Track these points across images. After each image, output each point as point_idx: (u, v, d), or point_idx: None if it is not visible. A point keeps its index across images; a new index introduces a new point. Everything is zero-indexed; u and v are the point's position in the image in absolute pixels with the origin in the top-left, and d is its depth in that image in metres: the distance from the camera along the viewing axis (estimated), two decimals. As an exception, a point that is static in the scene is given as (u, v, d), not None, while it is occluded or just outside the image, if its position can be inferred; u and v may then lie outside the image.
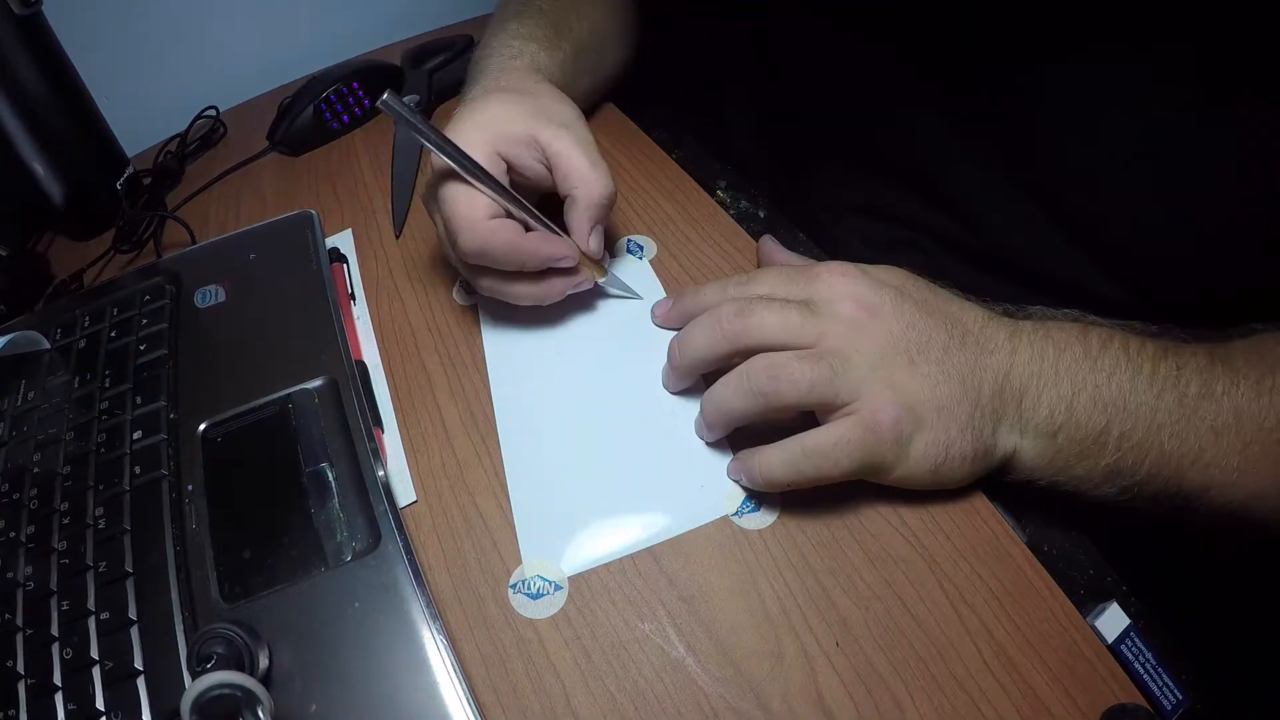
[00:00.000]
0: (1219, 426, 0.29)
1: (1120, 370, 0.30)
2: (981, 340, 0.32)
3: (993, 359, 0.31)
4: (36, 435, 0.38)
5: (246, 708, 0.24)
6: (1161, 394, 0.30)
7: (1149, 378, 0.30)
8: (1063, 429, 0.30)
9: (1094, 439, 0.30)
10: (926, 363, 0.31)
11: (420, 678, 0.28)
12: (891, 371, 0.30)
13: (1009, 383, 0.31)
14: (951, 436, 0.30)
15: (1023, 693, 0.28)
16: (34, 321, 0.45)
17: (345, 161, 0.59)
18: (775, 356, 0.31)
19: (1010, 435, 0.31)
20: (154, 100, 0.67)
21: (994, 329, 0.32)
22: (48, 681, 0.29)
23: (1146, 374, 0.30)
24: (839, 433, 0.30)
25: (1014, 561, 0.31)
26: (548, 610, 0.31)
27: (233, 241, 0.48)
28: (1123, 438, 0.30)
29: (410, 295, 0.46)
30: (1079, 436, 0.30)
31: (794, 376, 0.30)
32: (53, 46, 0.54)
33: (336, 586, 0.31)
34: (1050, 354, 0.31)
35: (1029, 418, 0.31)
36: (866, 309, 0.31)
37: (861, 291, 0.32)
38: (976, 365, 0.31)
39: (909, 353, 0.31)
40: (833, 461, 0.30)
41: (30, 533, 0.34)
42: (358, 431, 0.35)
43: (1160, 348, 0.31)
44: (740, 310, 0.33)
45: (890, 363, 0.31)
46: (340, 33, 0.75)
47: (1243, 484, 0.29)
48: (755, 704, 0.28)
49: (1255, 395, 0.29)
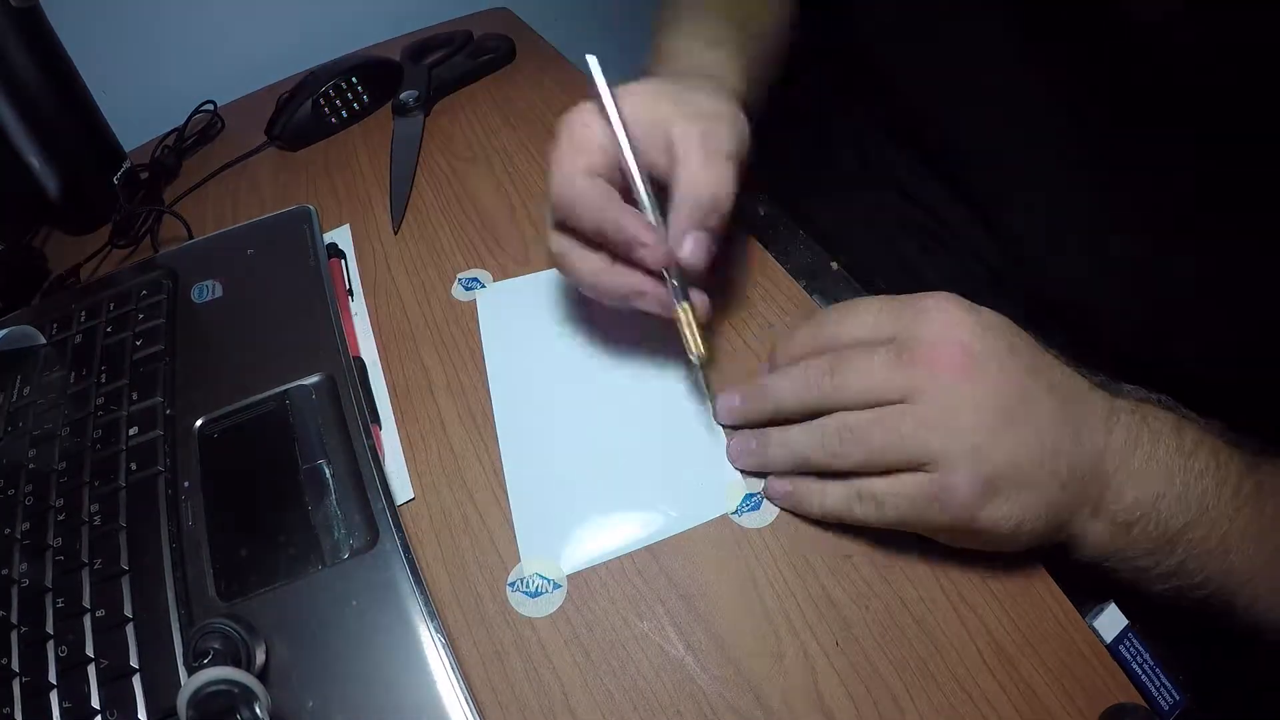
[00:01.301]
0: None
1: (1208, 475, 0.29)
2: (1083, 414, 0.29)
3: (1091, 437, 0.29)
4: (32, 431, 0.38)
5: (243, 704, 0.24)
6: (1240, 510, 0.28)
7: (1234, 489, 0.29)
8: (1140, 522, 0.29)
9: (1169, 538, 0.29)
10: (1025, 427, 0.28)
11: (418, 676, 0.28)
12: (982, 433, 0.28)
13: (1101, 465, 0.29)
14: (1028, 513, 0.28)
15: (1021, 692, 0.28)
16: (30, 316, 0.44)
17: (344, 157, 0.59)
18: (852, 419, 0.30)
19: (1085, 520, 0.29)
20: (151, 94, 0.67)
21: (1092, 402, 0.30)
22: (42, 679, 0.29)
23: (1232, 485, 0.29)
24: (900, 488, 0.29)
25: (1014, 561, 0.31)
26: (546, 609, 0.31)
27: (230, 237, 0.48)
28: (1192, 543, 0.29)
29: (409, 291, 0.45)
30: (1155, 533, 0.29)
31: (866, 441, 0.29)
32: (50, 40, 0.53)
33: (334, 584, 0.30)
34: (1145, 442, 0.29)
35: (1109, 505, 0.29)
36: (969, 356, 0.29)
37: (967, 337, 0.29)
38: (1076, 440, 0.29)
39: (1009, 413, 0.28)
40: (881, 511, 0.30)
41: (25, 529, 0.34)
42: (355, 428, 0.35)
43: (1245, 462, 0.30)
44: (832, 369, 0.31)
45: (984, 421, 0.28)
46: (339, 27, 0.74)
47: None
48: (755, 703, 0.28)
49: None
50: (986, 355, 0.29)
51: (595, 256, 0.34)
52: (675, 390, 0.37)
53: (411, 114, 0.60)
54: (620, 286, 0.34)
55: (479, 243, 0.48)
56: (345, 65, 0.62)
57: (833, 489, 0.31)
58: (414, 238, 0.49)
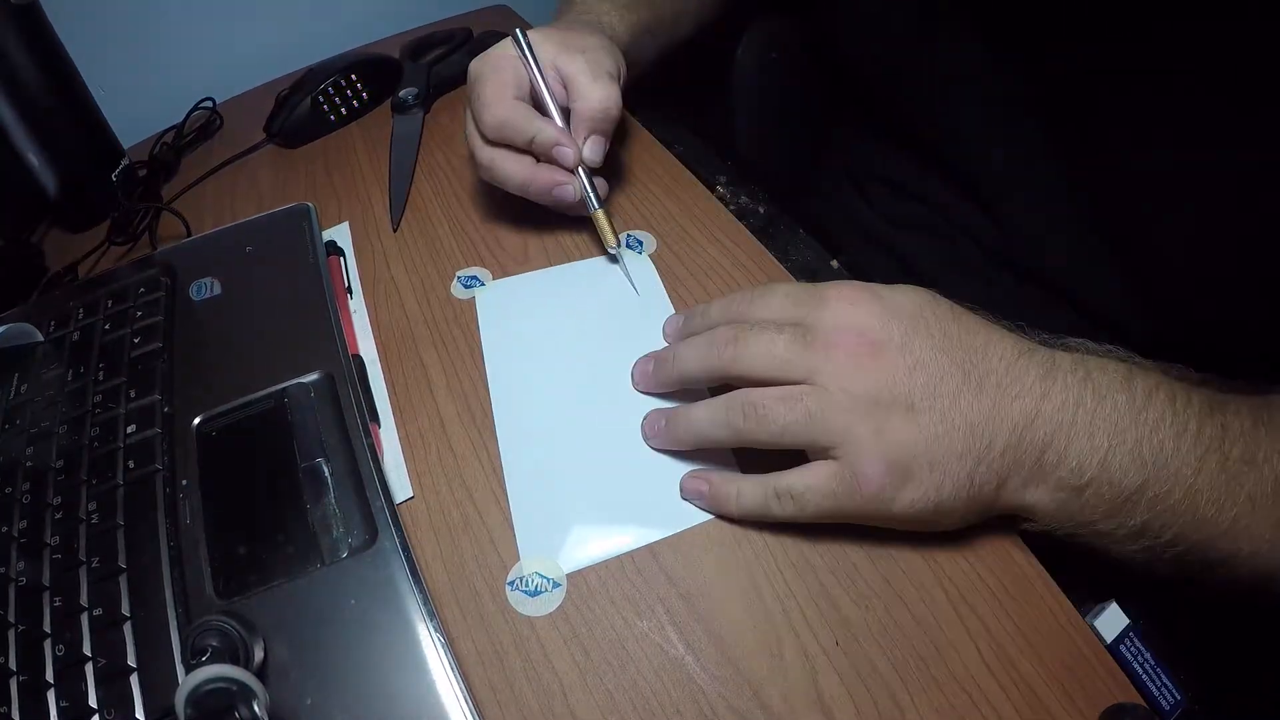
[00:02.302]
0: (1256, 495, 0.27)
1: (1164, 425, 0.28)
2: (1004, 384, 0.29)
3: (1015, 405, 0.28)
4: (29, 429, 0.37)
5: (242, 702, 0.24)
6: (1204, 458, 0.27)
7: (1194, 436, 0.28)
8: (1092, 484, 0.28)
9: (1126, 497, 0.28)
10: (929, 411, 0.28)
11: (417, 675, 0.28)
12: (884, 418, 0.28)
13: (1030, 432, 0.28)
14: (944, 494, 0.28)
15: (1022, 692, 0.28)
16: (27, 313, 0.44)
17: (342, 154, 0.59)
18: (755, 394, 0.30)
19: (1021, 490, 0.29)
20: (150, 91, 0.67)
21: (1023, 368, 0.29)
22: (40, 678, 0.29)
23: (1192, 432, 0.28)
24: (813, 479, 0.29)
25: (1014, 561, 0.31)
26: (546, 608, 0.31)
27: (229, 234, 0.48)
28: (1156, 499, 0.27)
29: (408, 289, 0.45)
30: (1109, 494, 0.28)
31: (769, 417, 0.29)
32: (49, 37, 0.53)
33: (332, 583, 0.30)
34: (1089, 401, 0.28)
35: (1051, 470, 0.28)
36: (869, 344, 0.29)
37: (868, 322, 0.30)
38: (993, 413, 0.28)
39: (909, 398, 0.28)
40: (799, 507, 0.30)
41: (23, 527, 0.33)
42: (354, 426, 0.35)
43: (1206, 403, 0.29)
44: (735, 337, 0.31)
45: (884, 408, 0.28)
46: (339, 25, 0.74)
47: (1271, 554, 0.28)
48: (754, 703, 0.28)
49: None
50: (887, 340, 0.29)
51: (524, 159, 0.43)
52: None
53: (411, 112, 0.60)
54: (548, 181, 0.42)
55: (478, 241, 0.48)
56: (344, 63, 0.62)
57: (747, 488, 0.31)
58: (413, 236, 0.49)
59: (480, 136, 0.43)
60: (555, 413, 0.37)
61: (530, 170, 0.42)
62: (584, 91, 0.41)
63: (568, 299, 0.43)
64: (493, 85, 0.42)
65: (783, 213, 0.48)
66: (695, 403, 0.33)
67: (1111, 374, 0.29)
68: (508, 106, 0.41)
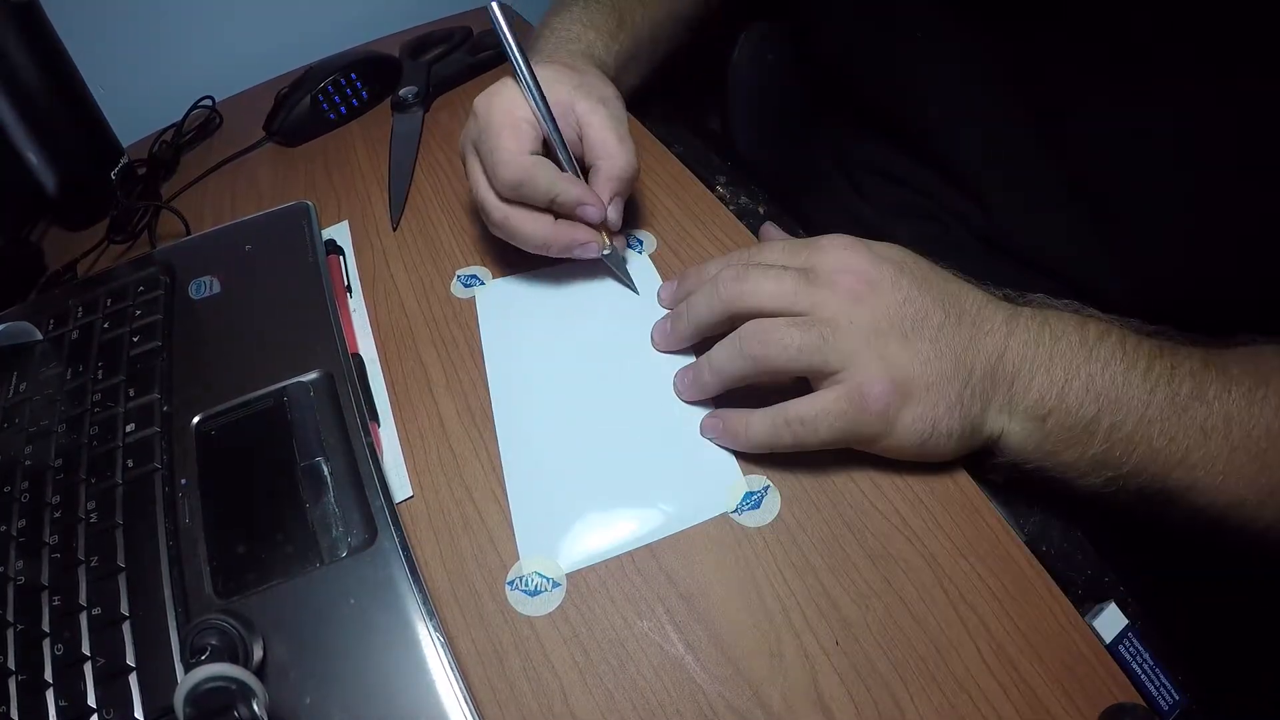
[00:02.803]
0: (1208, 429, 0.30)
1: (1115, 362, 0.30)
2: (978, 321, 0.32)
3: (988, 340, 0.31)
4: (28, 427, 0.37)
5: (241, 700, 0.24)
6: (1154, 390, 0.30)
7: (1143, 373, 0.30)
8: (1052, 414, 0.31)
9: (1083, 427, 0.30)
10: (920, 339, 0.31)
11: (416, 675, 0.28)
12: (884, 345, 0.31)
13: (1002, 364, 0.31)
14: (939, 413, 0.31)
15: (1021, 692, 0.28)
16: (26, 312, 0.44)
17: (342, 153, 0.59)
18: (767, 321, 0.32)
19: (999, 416, 0.32)
20: (150, 89, 0.67)
21: (991, 311, 0.32)
22: (39, 678, 0.29)
23: (1141, 369, 0.30)
24: (823, 403, 0.31)
25: (1014, 561, 0.31)
26: (545, 607, 0.31)
27: (228, 233, 0.48)
28: (1112, 429, 0.30)
29: (407, 288, 0.45)
30: (1068, 423, 0.30)
31: (783, 341, 0.31)
32: (48, 35, 0.53)
33: (332, 582, 0.30)
34: (1046, 340, 0.31)
35: (1019, 400, 0.31)
36: (864, 281, 0.32)
37: (861, 264, 0.32)
38: (971, 344, 0.31)
39: (903, 328, 0.31)
40: (812, 430, 0.31)
41: (21, 526, 0.33)
42: (354, 426, 0.35)
43: (1156, 346, 0.31)
44: (738, 276, 0.33)
45: (883, 336, 0.31)
46: (338, 23, 0.74)
47: (1225, 488, 0.30)
48: (754, 703, 0.28)
49: (1247, 403, 0.30)
50: (880, 279, 0.32)
51: (542, 217, 0.40)
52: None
53: (410, 110, 0.60)
54: (570, 241, 0.40)
55: (478, 239, 0.47)
56: (344, 61, 0.62)
57: (755, 419, 0.33)
58: (413, 234, 0.49)
59: (493, 191, 0.40)
60: (555, 412, 0.37)
61: (550, 229, 0.40)
62: (611, 151, 0.40)
63: (568, 298, 0.43)
64: (509, 137, 0.39)
65: (783, 212, 0.48)
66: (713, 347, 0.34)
67: (1067, 320, 0.32)
68: (527, 164, 0.38)
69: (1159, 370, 0.30)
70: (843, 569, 0.31)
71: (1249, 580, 0.39)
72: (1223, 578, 0.40)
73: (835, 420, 0.31)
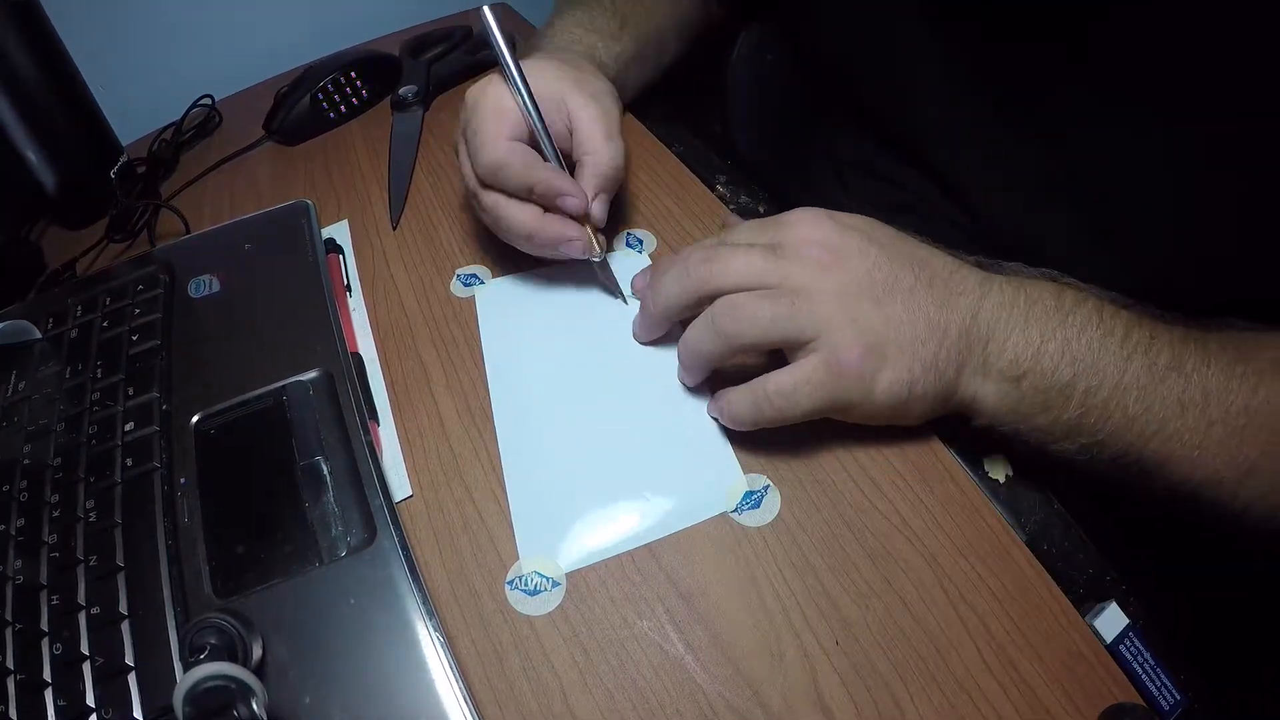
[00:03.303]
0: (1185, 401, 0.29)
1: (1091, 328, 0.30)
2: (950, 283, 0.32)
3: (961, 300, 0.31)
4: (27, 426, 0.37)
5: (240, 700, 0.24)
6: (1131, 358, 0.30)
7: (1120, 340, 0.30)
8: (1027, 376, 0.30)
9: (1058, 390, 0.30)
10: (892, 302, 0.31)
11: (416, 674, 0.28)
12: (856, 309, 0.31)
13: (975, 325, 0.31)
14: (915, 375, 0.31)
15: (1021, 692, 0.28)
16: (25, 311, 0.44)
17: (342, 152, 0.59)
18: (736, 297, 0.32)
19: (973, 379, 0.32)
20: (149, 88, 0.67)
21: (964, 274, 0.32)
22: (37, 677, 0.29)
23: (1119, 336, 0.30)
24: (801, 373, 0.31)
25: (1014, 561, 0.31)
26: (545, 607, 0.31)
27: (227, 231, 0.48)
28: (1088, 394, 0.30)
29: (407, 287, 0.45)
30: (1043, 386, 0.30)
31: (755, 314, 0.31)
32: (48, 33, 0.53)
33: (331, 582, 0.30)
34: (1021, 303, 0.31)
35: (993, 362, 0.31)
36: (831, 252, 0.32)
37: (827, 235, 0.33)
38: (944, 306, 0.31)
39: (874, 293, 0.31)
40: (793, 402, 0.31)
41: (20, 525, 0.33)
42: (353, 425, 0.35)
43: (1134, 316, 0.31)
44: (707, 256, 0.33)
45: (854, 301, 0.31)
46: (338, 22, 0.74)
47: (1202, 462, 0.30)
48: (754, 702, 0.28)
49: (1225, 379, 0.29)
50: (845, 247, 0.32)
51: (529, 207, 0.39)
52: (675, 388, 0.37)
53: (410, 109, 0.60)
54: (555, 235, 0.39)
55: (478, 238, 0.47)
56: (344, 60, 0.62)
57: (735, 396, 0.33)
58: (413, 233, 0.49)
59: (475, 176, 0.40)
60: (555, 411, 0.37)
61: (536, 220, 0.39)
62: (598, 147, 0.39)
63: (568, 297, 0.43)
64: (491, 123, 0.39)
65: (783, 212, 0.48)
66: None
67: (1043, 286, 0.32)
68: (505, 148, 0.38)
69: (1136, 338, 0.30)
70: (843, 569, 0.31)
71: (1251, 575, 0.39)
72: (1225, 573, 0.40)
73: (815, 389, 0.31)
